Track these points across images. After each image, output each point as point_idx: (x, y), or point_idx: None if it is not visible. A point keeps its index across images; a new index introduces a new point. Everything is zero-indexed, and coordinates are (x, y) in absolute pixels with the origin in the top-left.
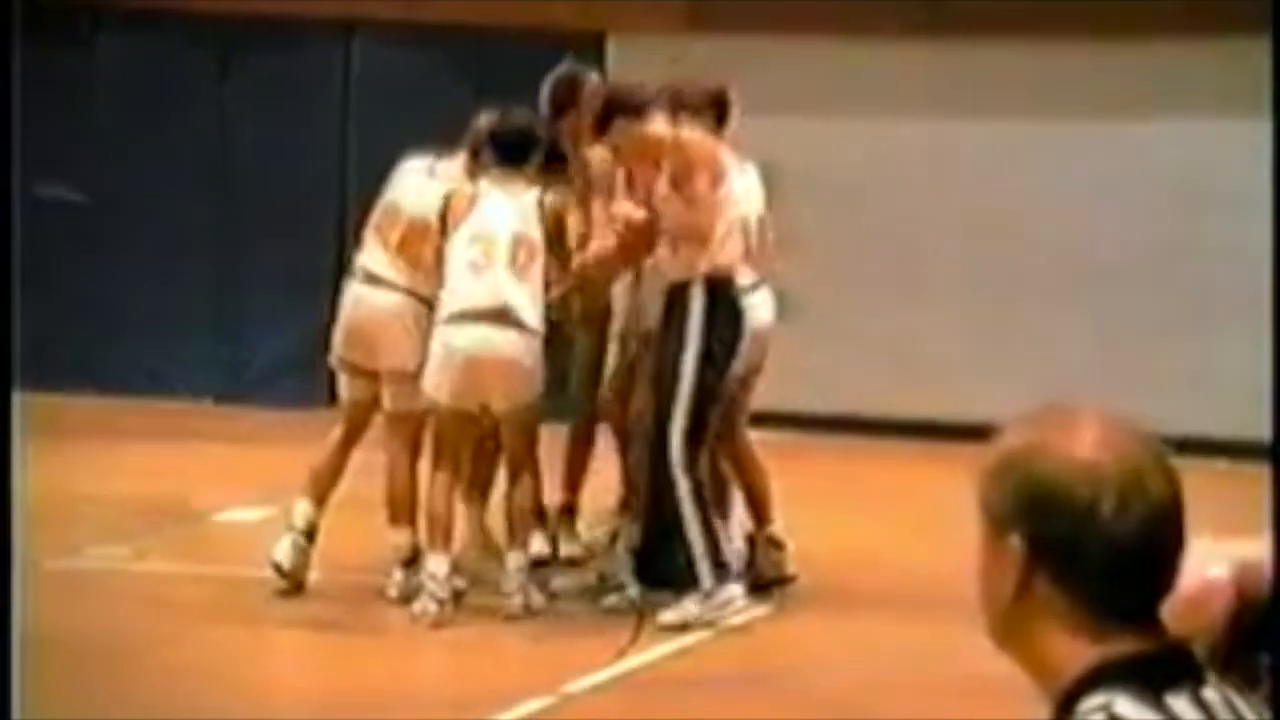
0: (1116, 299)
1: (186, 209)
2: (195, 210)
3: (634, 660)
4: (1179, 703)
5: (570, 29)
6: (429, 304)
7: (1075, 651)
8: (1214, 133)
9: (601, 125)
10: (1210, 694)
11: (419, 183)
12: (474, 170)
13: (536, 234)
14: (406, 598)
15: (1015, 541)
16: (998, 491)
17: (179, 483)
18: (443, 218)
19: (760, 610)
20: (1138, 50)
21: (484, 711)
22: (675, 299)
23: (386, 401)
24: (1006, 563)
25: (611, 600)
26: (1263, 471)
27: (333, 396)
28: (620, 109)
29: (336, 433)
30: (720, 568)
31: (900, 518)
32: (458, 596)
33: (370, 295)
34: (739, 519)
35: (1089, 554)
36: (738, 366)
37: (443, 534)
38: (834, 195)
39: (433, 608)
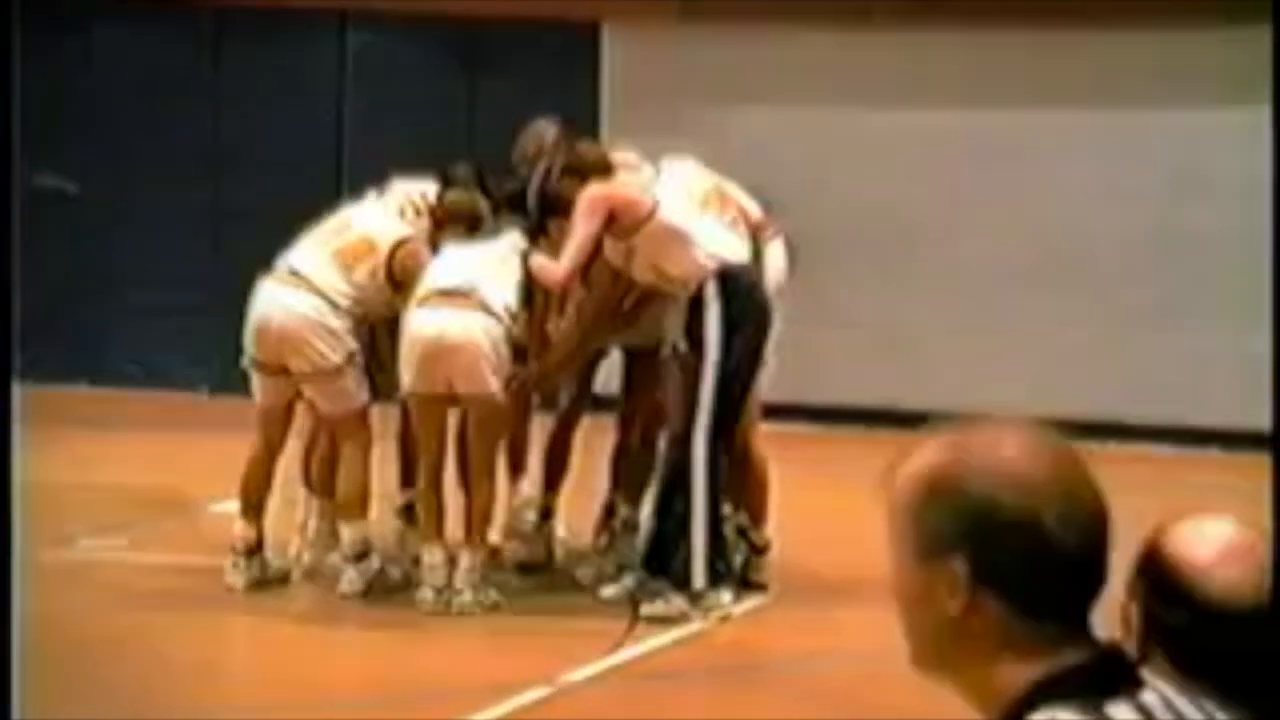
0: (1111, 288)
1: (181, 198)
2: (190, 200)
3: (630, 651)
4: (1120, 710)
5: (565, 19)
6: (346, 312)
7: (1019, 669)
8: (1209, 122)
9: (541, 228)
10: (1149, 697)
11: (379, 211)
12: (439, 240)
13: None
14: (363, 592)
15: (958, 564)
16: (931, 514)
17: (174, 474)
18: (391, 262)
19: (755, 601)
20: (1133, 39)
21: (481, 702)
22: (695, 304)
23: (323, 406)
24: (946, 586)
25: (609, 591)
26: (1258, 460)
27: None
28: (550, 211)
29: (257, 445)
30: (715, 572)
31: None
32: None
33: (284, 295)
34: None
35: (1037, 570)
36: (765, 358)
37: (436, 524)
38: (828, 184)
39: (430, 596)
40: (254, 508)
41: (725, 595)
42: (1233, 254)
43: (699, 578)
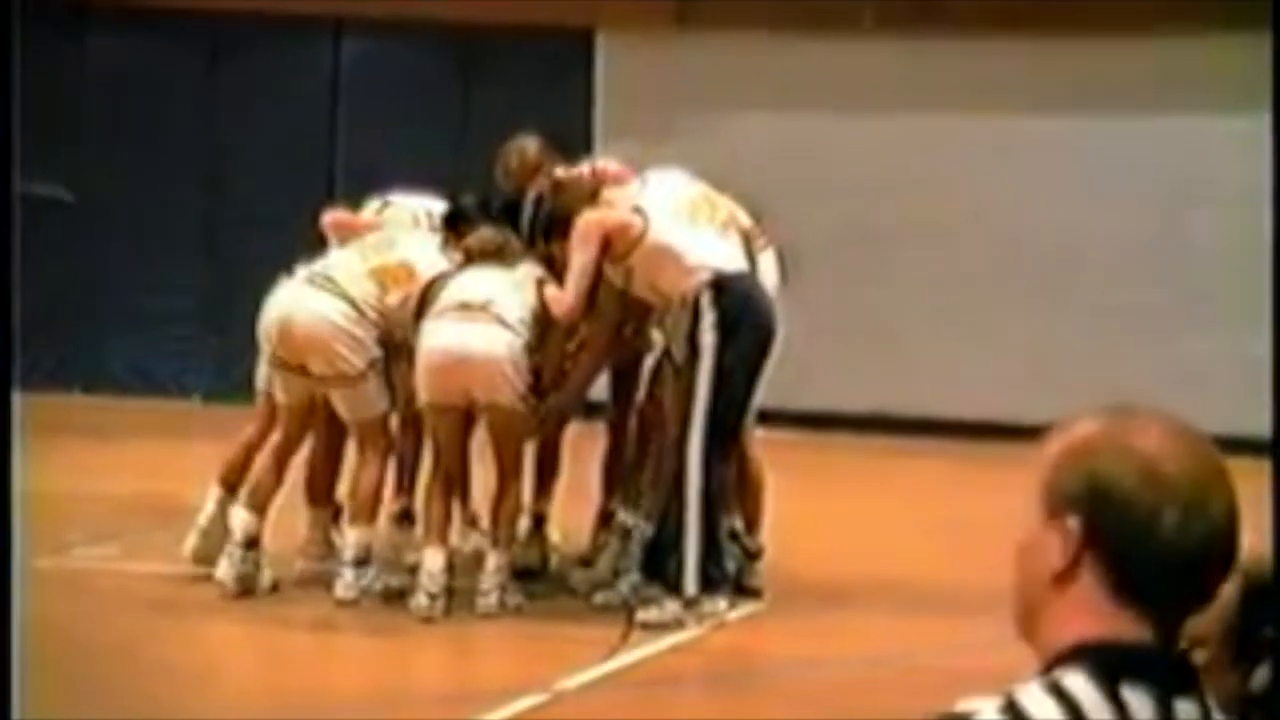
0: (1107, 295)
1: (175, 206)
2: (184, 207)
3: (625, 658)
4: (1133, 695)
5: (559, 25)
6: (372, 323)
7: (1081, 632)
8: (1204, 129)
9: (547, 259)
10: (1185, 704)
11: (426, 241)
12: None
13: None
14: (359, 598)
15: (1073, 523)
16: (1063, 475)
17: (168, 481)
18: (425, 294)
19: (750, 607)
20: (1127, 46)
21: (475, 709)
22: (694, 313)
23: (343, 411)
24: (1059, 541)
25: (603, 597)
26: (1257, 465)
27: None
28: (550, 235)
29: (274, 438)
30: (710, 579)
31: (887, 514)
32: (451, 593)
33: (312, 298)
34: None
35: (1145, 558)
36: (765, 366)
37: (439, 530)
38: (822, 191)
39: (425, 602)
40: (261, 501)
41: (720, 601)
42: (1230, 260)
43: (690, 584)
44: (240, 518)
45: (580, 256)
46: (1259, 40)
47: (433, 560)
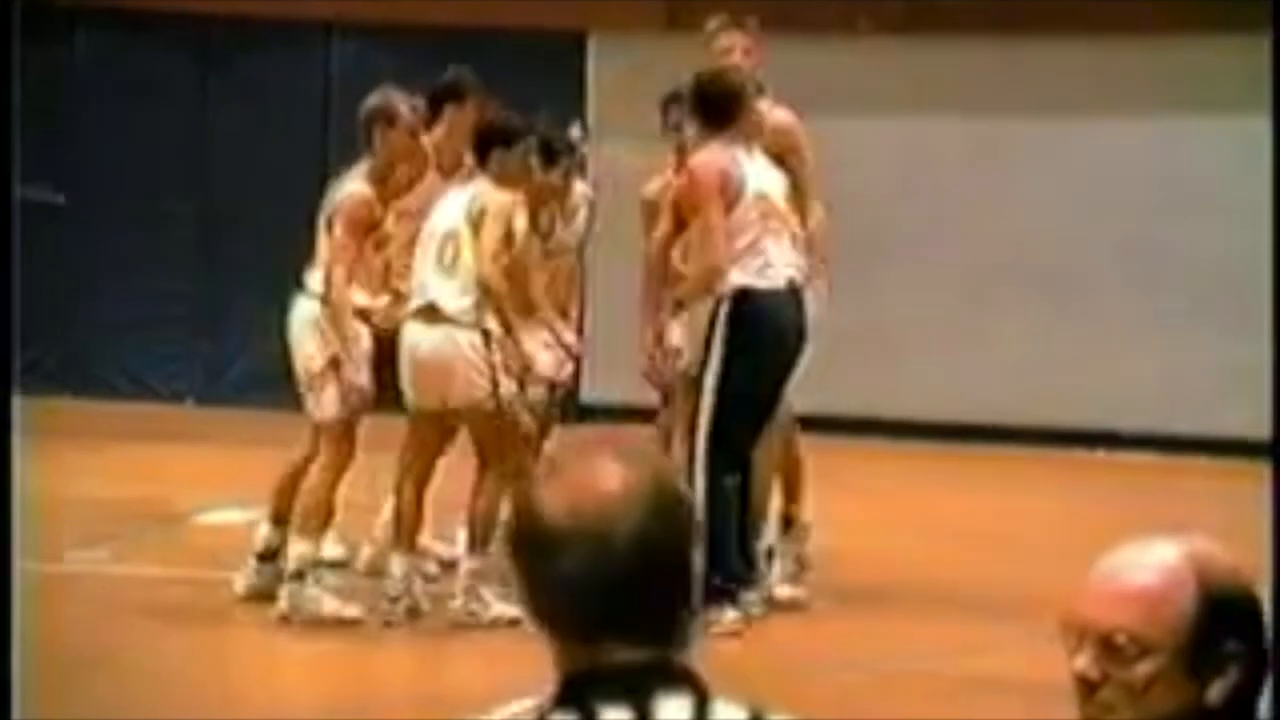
0: (1097, 296)
1: (166, 210)
2: (175, 211)
3: None
4: (611, 711)
5: (551, 28)
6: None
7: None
8: (1203, 130)
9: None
10: (614, 712)
11: (333, 186)
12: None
13: (464, 229)
14: (288, 615)
15: None
16: None
17: (159, 485)
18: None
19: (758, 610)
20: (1124, 48)
21: (471, 712)
22: (711, 315)
23: (310, 411)
24: None
25: None
26: (1245, 468)
27: None
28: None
29: (299, 451)
30: (716, 590)
31: (885, 518)
32: (431, 578)
33: (294, 308)
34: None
35: (535, 583)
36: (773, 375)
37: (406, 536)
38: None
39: (385, 606)
40: (315, 529)
41: (730, 613)
42: (1221, 262)
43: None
44: (261, 530)
45: (708, 212)
46: (1259, 41)
47: (396, 565)
